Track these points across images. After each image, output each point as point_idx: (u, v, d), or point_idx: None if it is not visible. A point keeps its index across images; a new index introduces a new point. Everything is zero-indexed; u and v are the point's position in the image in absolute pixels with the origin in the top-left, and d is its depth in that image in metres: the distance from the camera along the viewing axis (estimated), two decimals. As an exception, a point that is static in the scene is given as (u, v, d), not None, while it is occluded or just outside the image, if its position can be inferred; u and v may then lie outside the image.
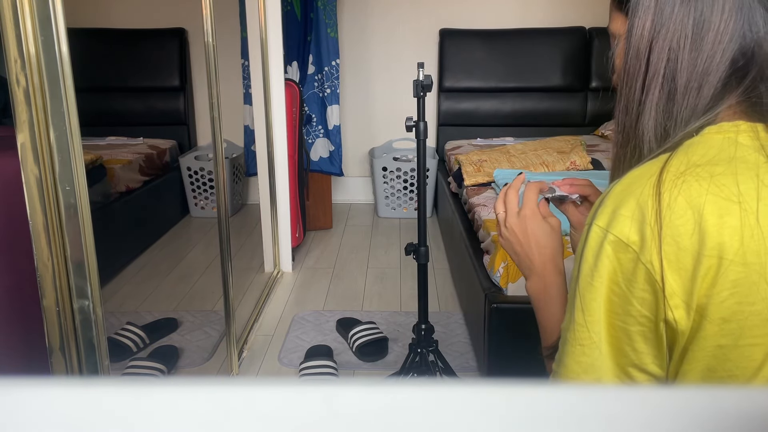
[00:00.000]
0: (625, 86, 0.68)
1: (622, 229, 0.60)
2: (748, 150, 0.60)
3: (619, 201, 0.61)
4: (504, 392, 0.28)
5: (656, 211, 0.58)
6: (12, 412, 0.26)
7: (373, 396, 0.28)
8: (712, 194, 0.57)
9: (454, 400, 0.27)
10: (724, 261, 0.56)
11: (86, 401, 0.27)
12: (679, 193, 0.58)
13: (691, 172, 0.59)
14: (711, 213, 0.57)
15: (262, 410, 0.27)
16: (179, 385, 0.28)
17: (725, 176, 0.58)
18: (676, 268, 0.58)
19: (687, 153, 0.61)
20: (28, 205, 1.12)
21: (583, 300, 0.63)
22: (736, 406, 0.28)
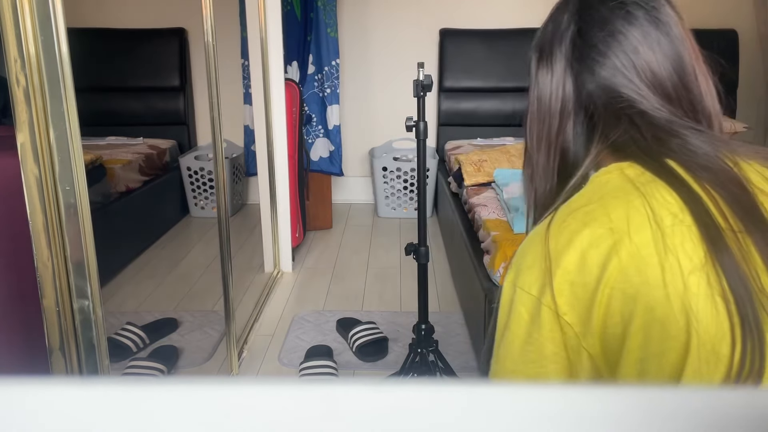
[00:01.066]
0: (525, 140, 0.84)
1: (524, 282, 0.67)
2: (618, 184, 0.68)
3: (520, 260, 0.69)
4: (504, 392, 0.28)
5: (546, 257, 0.65)
6: (12, 412, 0.26)
7: (373, 396, 0.28)
8: (588, 228, 0.64)
9: (454, 400, 0.27)
10: (611, 282, 0.62)
11: (86, 401, 0.27)
12: (562, 236, 0.66)
13: (571, 216, 0.67)
14: (589, 246, 0.64)
15: (262, 410, 0.27)
16: (179, 385, 0.28)
17: (597, 211, 0.66)
18: (574, 302, 0.63)
19: (569, 203, 0.70)
20: (28, 205, 1.12)
21: (498, 351, 0.70)
22: (733, 407, 0.28)
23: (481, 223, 2.17)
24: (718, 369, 0.59)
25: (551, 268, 0.64)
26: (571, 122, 0.77)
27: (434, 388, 0.28)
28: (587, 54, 0.74)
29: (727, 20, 3.69)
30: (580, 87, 0.75)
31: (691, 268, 0.61)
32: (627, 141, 0.71)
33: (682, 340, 0.60)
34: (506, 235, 1.94)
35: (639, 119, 0.71)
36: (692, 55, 0.75)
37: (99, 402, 0.27)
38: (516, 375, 0.68)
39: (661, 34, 0.73)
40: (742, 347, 0.59)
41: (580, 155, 0.76)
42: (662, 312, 0.60)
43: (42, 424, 0.26)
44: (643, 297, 0.61)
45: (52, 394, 0.27)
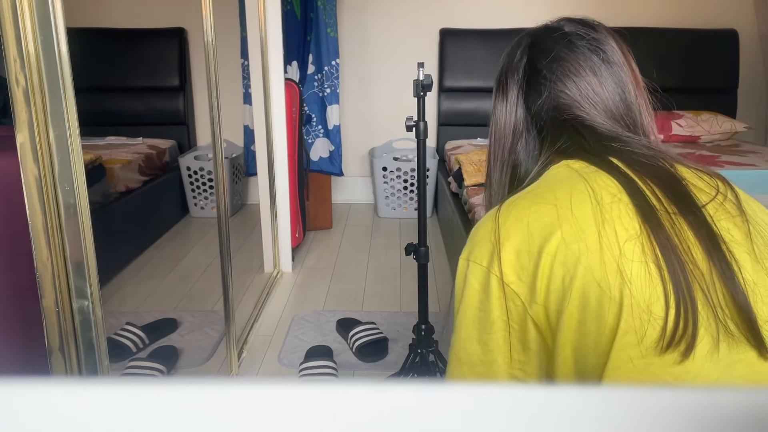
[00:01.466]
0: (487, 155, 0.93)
1: (476, 256, 0.73)
2: (565, 174, 0.76)
3: (473, 237, 0.76)
4: (503, 392, 0.28)
5: (495, 230, 0.72)
6: (12, 412, 0.26)
7: (373, 396, 0.27)
8: (535, 205, 0.72)
9: (454, 401, 0.27)
10: (553, 251, 0.68)
11: (86, 401, 0.27)
12: (510, 213, 0.73)
13: (520, 196, 0.75)
14: (534, 219, 0.70)
15: (262, 410, 0.27)
16: (179, 385, 0.28)
17: (545, 192, 0.74)
18: (519, 270, 0.69)
19: (521, 191, 0.77)
20: (28, 205, 1.12)
21: (455, 323, 0.75)
22: (725, 407, 0.28)
23: (481, 223, 2.17)
24: (652, 327, 0.64)
25: (500, 240, 0.71)
26: (523, 140, 0.86)
27: (434, 389, 0.28)
28: (535, 79, 0.84)
29: (727, 20, 3.69)
30: (530, 108, 0.85)
31: (626, 237, 0.67)
32: (572, 145, 0.79)
33: (616, 299, 0.64)
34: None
35: (583, 129, 0.80)
36: (632, 78, 0.84)
37: (99, 402, 0.27)
38: (470, 342, 0.73)
39: (600, 60, 0.83)
40: (676, 311, 0.63)
41: (531, 168, 0.85)
42: (599, 274, 0.65)
43: (42, 424, 0.26)
44: (582, 262, 0.66)
45: (51, 395, 0.27)
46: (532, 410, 0.27)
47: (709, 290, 0.65)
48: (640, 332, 0.63)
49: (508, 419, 0.27)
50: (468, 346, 0.73)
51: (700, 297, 0.64)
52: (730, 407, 0.28)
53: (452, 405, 0.27)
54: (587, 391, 0.29)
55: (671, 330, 0.63)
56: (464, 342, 0.74)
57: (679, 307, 0.63)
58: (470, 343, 0.73)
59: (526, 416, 0.27)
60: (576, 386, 0.29)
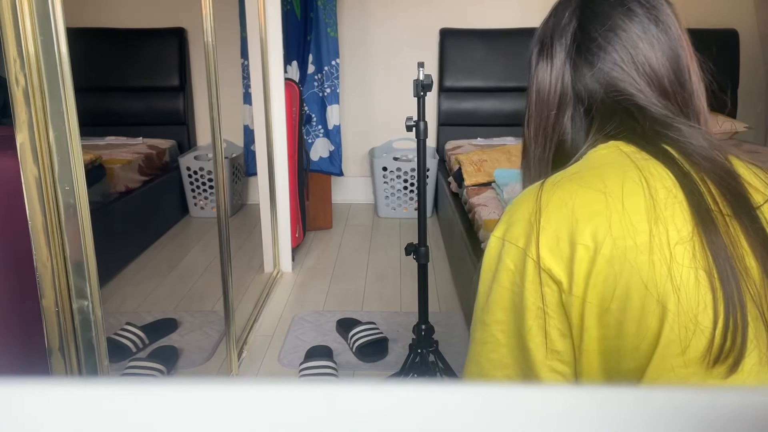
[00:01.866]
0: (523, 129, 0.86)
1: (512, 235, 0.68)
2: (614, 157, 0.70)
3: (510, 214, 0.71)
4: (504, 392, 0.28)
5: (536, 211, 0.67)
6: (12, 412, 0.26)
7: (373, 396, 0.27)
8: (582, 189, 0.67)
9: (454, 401, 0.27)
10: (598, 243, 0.63)
11: (86, 401, 0.27)
12: (554, 194, 0.67)
13: (566, 178, 0.69)
14: (580, 205, 0.65)
15: (262, 411, 0.27)
16: (179, 385, 0.28)
17: (593, 177, 0.68)
18: (558, 257, 0.65)
19: (565, 170, 0.72)
20: (28, 205, 1.12)
21: (487, 303, 0.70)
22: (728, 407, 0.28)
23: (481, 223, 2.17)
24: (697, 338, 0.61)
25: (540, 222, 0.66)
26: (569, 114, 0.78)
27: (434, 389, 0.28)
28: (587, 48, 0.75)
29: (727, 20, 3.69)
30: (579, 79, 0.76)
31: (677, 239, 0.63)
32: (624, 130, 0.73)
33: (662, 305, 0.61)
34: (506, 235, 1.94)
35: (637, 112, 0.73)
36: (688, 54, 0.77)
37: (99, 402, 0.27)
38: (499, 325, 0.69)
39: (659, 31, 0.74)
40: (725, 322, 0.60)
41: (579, 145, 0.78)
42: (647, 275, 0.62)
43: (42, 424, 0.26)
44: (630, 260, 0.62)
45: (51, 395, 0.27)
46: (533, 410, 0.27)
47: (762, 302, 0.61)
48: (684, 342, 0.61)
49: (508, 419, 0.27)
50: (500, 329, 0.69)
51: (751, 309, 0.61)
52: (730, 407, 0.28)
53: (452, 405, 0.27)
54: (587, 391, 0.29)
55: (719, 344, 0.60)
56: (494, 326, 0.69)
57: (728, 319, 0.60)
58: (502, 326, 0.69)
59: (526, 416, 0.27)
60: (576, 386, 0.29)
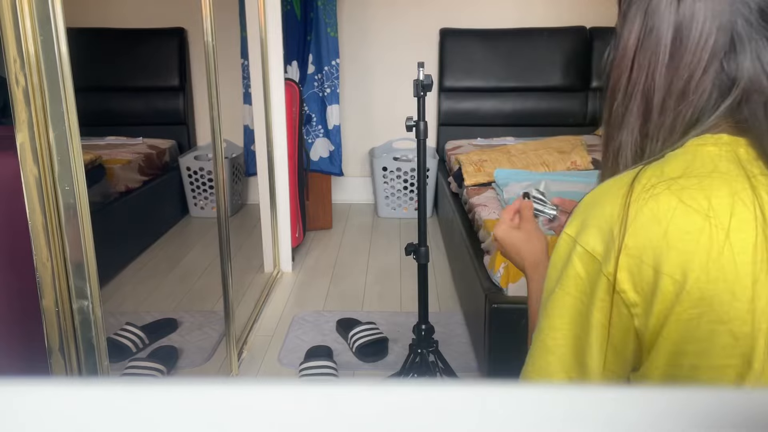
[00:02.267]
0: (610, 95, 0.67)
1: (588, 240, 0.59)
2: (725, 163, 0.58)
3: (588, 212, 0.61)
4: (504, 392, 0.28)
5: (622, 222, 0.57)
6: (12, 412, 0.26)
7: (373, 396, 0.27)
8: (681, 209, 0.55)
9: (454, 401, 0.27)
10: (688, 279, 0.54)
11: (86, 401, 0.27)
12: (646, 205, 0.57)
13: (663, 184, 0.57)
14: (677, 228, 0.55)
15: (262, 411, 0.27)
16: (179, 385, 0.28)
17: (697, 190, 0.56)
18: (638, 282, 0.57)
19: (662, 165, 0.60)
20: (28, 205, 1.12)
21: (547, 305, 0.64)
22: (736, 406, 0.28)
23: (481, 223, 2.17)
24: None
25: (624, 237, 0.56)
26: (709, 76, 0.60)
27: (434, 389, 0.28)
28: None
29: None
30: (738, 47, 0.59)
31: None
32: (756, 127, 0.60)
33: (748, 361, 0.54)
34: (506, 235, 1.94)
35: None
36: None
37: (99, 402, 0.27)
38: (558, 332, 0.63)
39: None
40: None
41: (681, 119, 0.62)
42: (739, 328, 0.54)
43: (42, 424, 0.26)
44: (723, 305, 0.54)
45: (51, 395, 0.27)
46: (533, 410, 0.27)
47: None
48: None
49: (508, 419, 0.27)
50: (557, 336, 0.63)
51: None
52: (730, 407, 0.28)
53: (452, 405, 0.27)
54: (588, 392, 0.29)
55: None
56: (553, 331, 0.63)
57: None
58: (559, 334, 0.63)
59: (526, 416, 0.27)
60: (577, 387, 0.29)
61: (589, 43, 3.63)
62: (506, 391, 0.28)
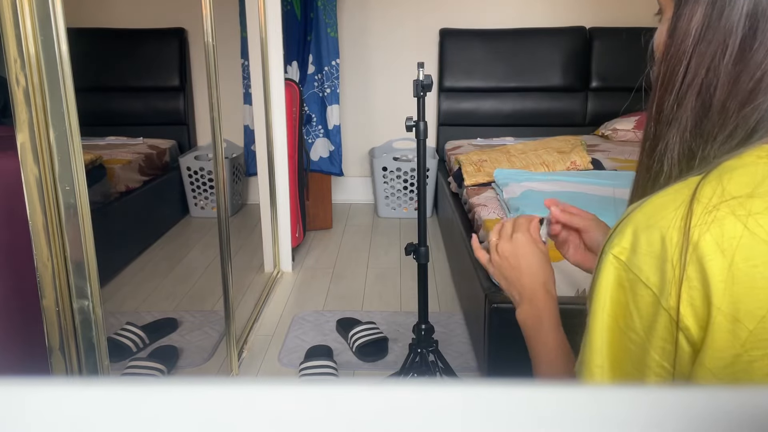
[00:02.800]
0: (660, 87, 0.58)
1: (641, 266, 0.52)
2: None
3: (639, 232, 0.52)
4: (504, 392, 0.28)
5: (683, 250, 0.49)
6: (12, 412, 0.26)
7: (373, 396, 0.27)
8: (747, 236, 0.48)
9: (454, 401, 0.27)
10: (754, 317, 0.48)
11: (86, 401, 0.27)
12: (709, 230, 0.49)
13: (726, 204, 0.50)
14: (745, 259, 0.48)
15: (262, 410, 0.27)
16: (179, 385, 0.28)
17: (765, 214, 0.48)
18: (701, 317, 0.50)
19: (722, 179, 0.52)
20: (28, 205, 1.12)
21: (592, 338, 0.56)
22: (738, 406, 0.28)
23: (481, 223, 2.17)
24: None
25: (685, 265, 0.49)
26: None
27: (434, 389, 0.28)
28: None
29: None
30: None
31: None
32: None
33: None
34: (506, 235, 1.94)
35: None
36: None
37: (99, 402, 0.27)
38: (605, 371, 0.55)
39: None
40: None
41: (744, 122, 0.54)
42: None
43: (42, 424, 0.26)
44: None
45: (52, 395, 0.27)
46: (533, 410, 0.27)
47: None
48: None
49: (508, 419, 0.27)
50: (595, 373, 0.56)
51: None
52: (730, 407, 0.28)
53: (452, 405, 0.27)
54: (588, 391, 0.29)
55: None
56: (594, 369, 0.56)
57: None
58: (599, 371, 0.56)
59: (526, 416, 0.27)
60: (578, 387, 0.29)
61: (589, 43, 3.63)
62: (506, 391, 0.28)
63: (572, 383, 0.59)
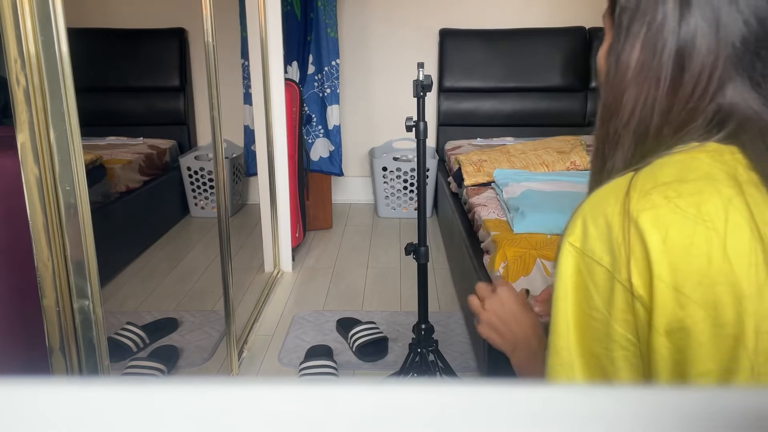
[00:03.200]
0: (605, 111, 0.65)
1: (594, 249, 0.58)
2: (715, 170, 0.58)
3: (588, 220, 0.59)
4: (504, 392, 0.28)
5: (625, 231, 0.56)
6: (12, 412, 0.26)
7: (373, 396, 0.28)
8: (679, 214, 0.55)
9: (454, 400, 0.27)
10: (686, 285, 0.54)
11: (86, 401, 0.27)
12: (645, 211, 0.56)
13: (658, 189, 0.57)
14: (677, 233, 0.55)
15: (262, 410, 0.27)
16: (179, 385, 0.28)
17: (691, 195, 0.56)
18: (648, 286, 0.56)
19: (654, 171, 0.59)
20: (28, 205, 1.12)
21: (556, 322, 0.61)
22: (736, 406, 0.28)
23: (481, 223, 2.17)
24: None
25: (630, 243, 0.56)
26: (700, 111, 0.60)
27: (434, 388, 0.28)
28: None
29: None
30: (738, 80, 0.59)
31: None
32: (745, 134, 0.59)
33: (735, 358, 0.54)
34: (506, 235, 1.94)
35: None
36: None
37: (99, 402, 0.27)
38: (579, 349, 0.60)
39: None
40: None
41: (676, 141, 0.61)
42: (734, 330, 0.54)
43: (42, 424, 0.26)
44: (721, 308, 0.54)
45: (52, 394, 0.27)
46: (533, 410, 0.27)
47: None
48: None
49: (509, 419, 0.27)
50: (566, 356, 0.61)
51: None
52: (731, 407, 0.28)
53: (452, 405, 0.27)
54: (588, 391, 0.29)
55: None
56: (565, 352, 0.61)
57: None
58: (569, 354, 0.60)
59: (526, 416, 0.27)
60: (578, 386, 0.29)
61: (589, 43, 3.63)
62: (506, 391, 0.28)
63: None
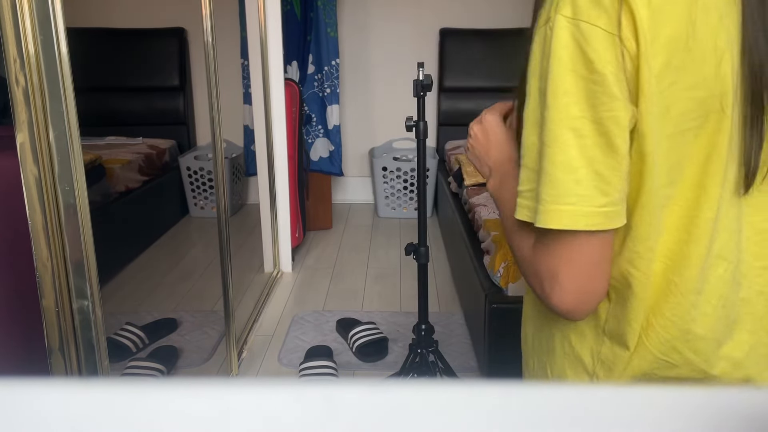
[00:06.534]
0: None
1: (589, 14, 0.61)
2: None
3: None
4: (504, 392, 0.28)
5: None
6: (11, 412, 0.26)
7: (373, 396, 0.27)
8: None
9: (454, 400, 0.27)
10: (669, 45, 0.60)
11: (86, 401, 0.27)
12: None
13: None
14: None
15: (262, 410, 0.27)
16: (179, 385, 0.28)
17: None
18: (635, 37, 0.61)
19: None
20: (28, 205, 1.12)
21: (555, 96, 0.64)
22: (735, 406, 0.28)
23: (481, 223, 2.17)
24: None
25: (620, 4, 0.60)
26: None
27: (434, 389, 0.28)
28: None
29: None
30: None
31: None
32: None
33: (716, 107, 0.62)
34: (506, 235, 1.94)
35: None
36: None
37: (99, 402, 0.27)
38: (579, 121, 0.63)
39: None
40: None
41: None
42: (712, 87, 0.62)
43: (41, 424, 0.26)
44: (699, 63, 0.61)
45: (51, 394, 0.27)
46: (533, 410, 0.27)
47: None
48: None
49: (508, 419, 0.27)
50: (567, 127, 0.63)
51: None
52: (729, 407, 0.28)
53: (452, 405, 0.27)
54: (587, 391, 0.29)
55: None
56: (567, 122, 0.63)
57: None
58: (573, 123, 0.63)
59: (526, 416, 0.27)
60: (576, 386, 0.29)
61: (589, 43, 3.63)
62: (506, 391, 0.28)
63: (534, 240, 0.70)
